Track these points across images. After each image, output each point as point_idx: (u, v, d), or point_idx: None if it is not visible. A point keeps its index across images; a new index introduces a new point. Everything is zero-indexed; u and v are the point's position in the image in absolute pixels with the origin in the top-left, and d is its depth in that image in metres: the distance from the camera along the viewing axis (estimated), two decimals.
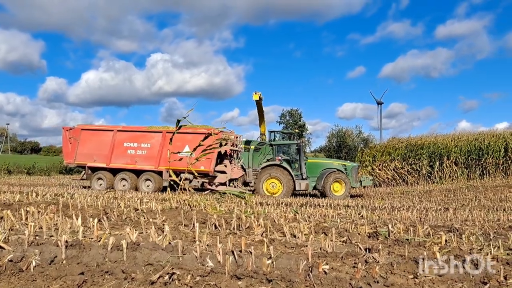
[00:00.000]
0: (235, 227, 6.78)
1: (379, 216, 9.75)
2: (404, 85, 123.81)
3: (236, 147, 19.94)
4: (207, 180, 18.48)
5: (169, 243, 5.29)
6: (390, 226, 6.80)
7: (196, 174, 16.33)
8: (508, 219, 9.46)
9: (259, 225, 6.78)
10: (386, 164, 29.45)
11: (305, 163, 18.87)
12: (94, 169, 19.18)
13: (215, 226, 6.93)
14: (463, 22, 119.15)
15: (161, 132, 18.85)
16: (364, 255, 5.02)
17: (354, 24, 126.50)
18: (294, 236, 6.28)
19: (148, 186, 18.55)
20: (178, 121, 14.81)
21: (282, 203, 12.65)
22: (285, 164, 18.39)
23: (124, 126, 19.76)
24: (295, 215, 9.18)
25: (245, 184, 19.54)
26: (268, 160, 19.31)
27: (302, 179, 18.34)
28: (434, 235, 6.68)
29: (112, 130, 19.14)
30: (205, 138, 17.09)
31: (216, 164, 17.99)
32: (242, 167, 19.68)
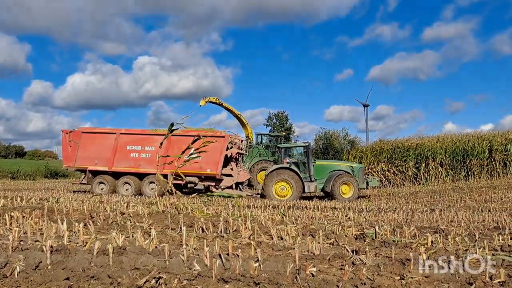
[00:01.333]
0: (222, 230, 6.76)
1: (366, 218, 9.79)
2: (392, 87, 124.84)
3: (241, 150, 20.17)
4: (213, 183, 18.54)
5: (156, 247, 5.26)
6: (377, 227, 6.83)
7: (183, 176, 16.25)
8: (493, 220, 9.56)
9: (246, 228, 6.77)
10: (373, 166, 29.65)
11: (313, 165, 18.99)
12: (95, 173, 18.90)
13: (202, 229, 6.91)
14: (450, 25, 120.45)
15: (164, 134, 18.23)
16: (351, 257, 5.03)
17: (342, 26, 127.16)
18: (282, 239, 6.28)
19: (152, 189, 18.36)
20: (172, 125, 14.71)
21: (269, 206, 12.65)
22: (294, 167, 18.51)
23: (127, 129, 19.54)
24: (282, 217, 9.18)
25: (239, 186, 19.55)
26: (260, 163, 19.46)
27: (311, 181, 18.50)
28: (421, 236, 6.73)
29: (115, 133, 18.92)
30: (194, 141, 17.02)
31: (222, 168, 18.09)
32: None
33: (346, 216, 9.96)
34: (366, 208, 12.80)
